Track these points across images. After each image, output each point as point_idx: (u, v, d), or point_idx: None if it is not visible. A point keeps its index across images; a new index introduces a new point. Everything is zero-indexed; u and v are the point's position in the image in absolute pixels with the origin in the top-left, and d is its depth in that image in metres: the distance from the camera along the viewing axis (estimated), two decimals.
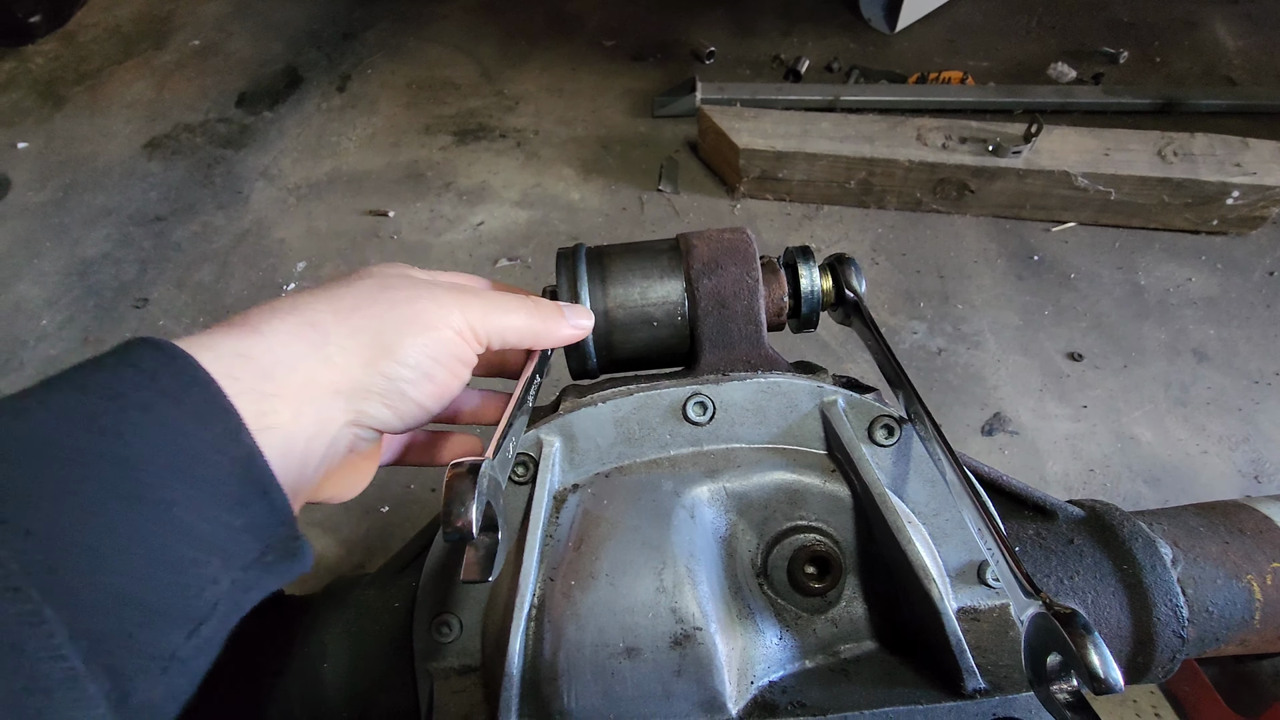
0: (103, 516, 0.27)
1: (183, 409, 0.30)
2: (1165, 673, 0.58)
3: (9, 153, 2.11)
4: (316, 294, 0.39)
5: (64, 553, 0.25)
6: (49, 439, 0.27)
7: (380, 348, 0.38)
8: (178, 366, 0.31)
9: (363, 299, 0.39)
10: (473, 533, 0.33)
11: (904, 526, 0.45)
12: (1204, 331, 1.55)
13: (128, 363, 0.30)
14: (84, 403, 0.28)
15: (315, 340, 0.36)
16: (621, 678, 0.43)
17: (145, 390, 0.30)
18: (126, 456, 0.28)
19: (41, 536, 0.25)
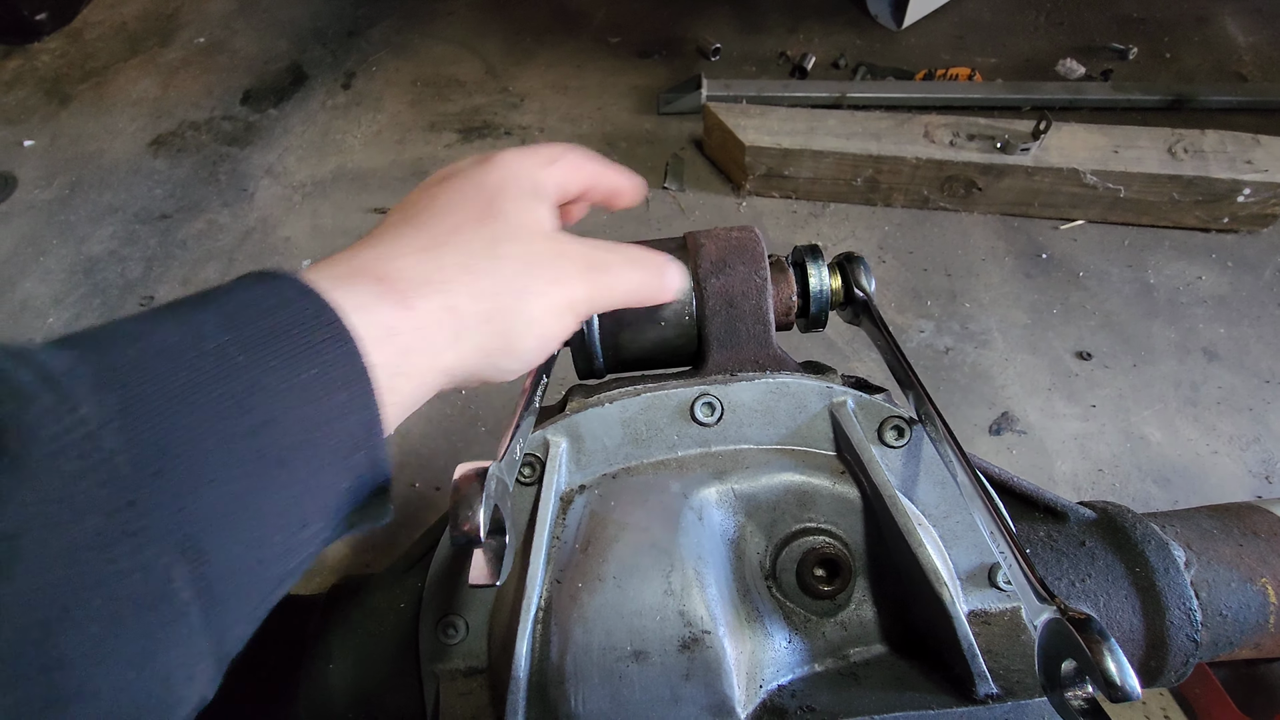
0: (240, 480, 0.27)
1: (325, 373, 0.30)
2: (1178, 677, 0.58)
3: (15, 150, 2.11)
4: (460, 262, 0.37)
5: (202, 510, 0.25)
6: (199, 383, 0.26)
7: (504, 343, 0.39)
8: (328, 327, 0.30)
9: (500, 284, 0.38)
10: (480, 537, 0.32)
11: (914, 529, 0.45)
12: (1214, 330, 1.54)
13: (272, 306, 0.30)
14: (233, 346, 0.28)
15: (454, 330, 0.36)
16: (629, 681, 0.42)
17: (289, 344, 0.29)
18: (270, 416, 0.28)
19: (182, 488, 0.25)
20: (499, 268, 0.38)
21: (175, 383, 0.26)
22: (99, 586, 0.22)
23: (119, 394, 0.24)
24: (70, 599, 0.22)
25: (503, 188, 0.41)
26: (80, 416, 0.23)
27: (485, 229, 0.39)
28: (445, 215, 0.39)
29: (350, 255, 0.36)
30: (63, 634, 0.21)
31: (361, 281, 0.34)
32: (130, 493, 0.23)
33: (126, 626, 0.23)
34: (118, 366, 0.25)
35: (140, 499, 0.23)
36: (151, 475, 0.24)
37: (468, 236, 0.38)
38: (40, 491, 0.22)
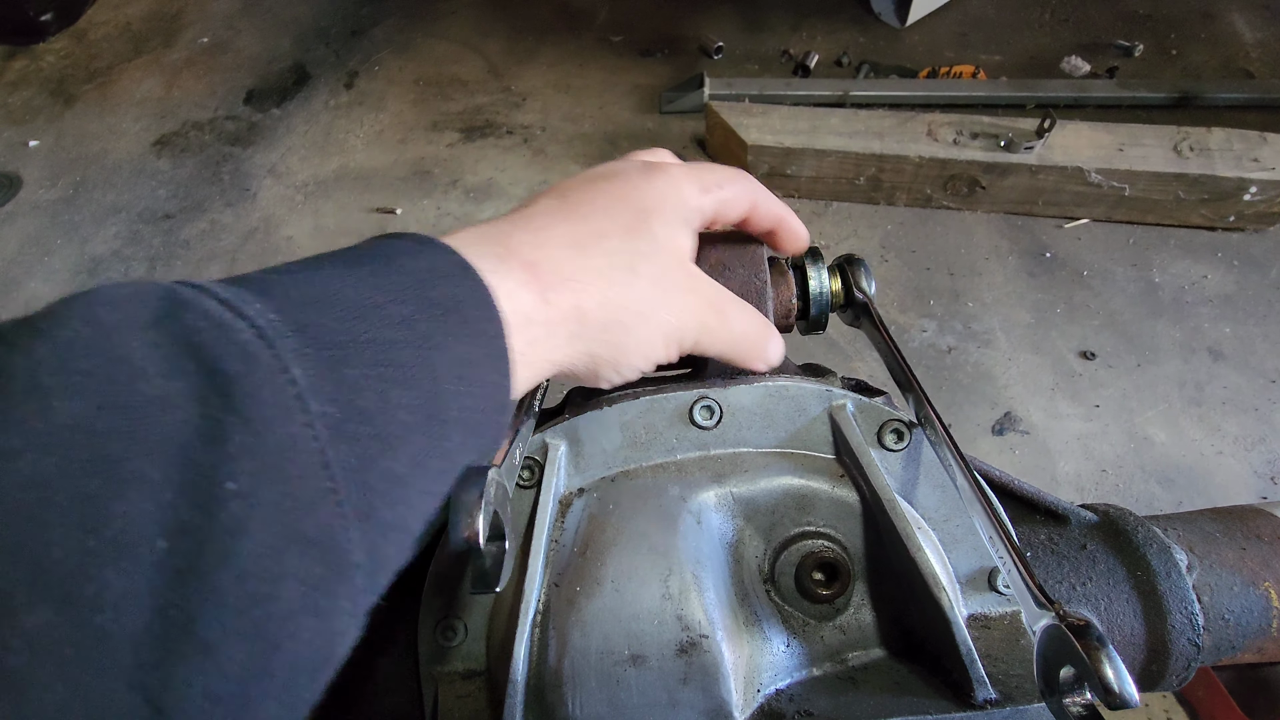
0: (413, 446, 0.28)
1: (481, 353, 0.31)
2: (1180, 681, 0.58)
3: (20, 151, 2.12)
4: (600, 266, 0.38)
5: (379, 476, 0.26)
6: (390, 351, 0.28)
7: (612, 358, 0.40)
8: (485, 307, 0.32)
9: (630, 300, 0.39)
10: (480, 542, 0.32)
11: (913, 533, 0.45)
12: (1220, 330, 1.53)
13: (438, 276, 0.31)
14: (412, 316, 0.29)
15: (576, 331, 0.37)
16: (627, 685, 0.42)
17: (458, 322, 0.30)
18: (437, 391, 0.29)
19: (368, 454, 0.26)
20: (633, 283, 0.39)
21: (366, 351, 0.27)
22: (304, 546, 0.23)
23: (319, 356, 0.25)
24: (286, 556, 0.23)
25: (659, 206, 0.42)
26: (291, 377, 0.24)
27: (631, 243, 0.40)
28: (597, 218, 0.40)
29: (503, 233, 0.37)
30: (280, 589, 0.23)
31: (512, 266, 0.35)
32: (328, 454, 0.24)
33: (320, 584, 0.24)
34: (316, 329, 0.26)
35: (334, 461, 0.24)
36: (346, 440, 0.25)
37: (613, 245, 0.39)
38: (267, 452, 0.23)
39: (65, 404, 0.20)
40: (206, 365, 0.23)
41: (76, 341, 0.22)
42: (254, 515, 0.22)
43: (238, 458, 0.22)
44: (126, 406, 0.21)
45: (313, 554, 0.24)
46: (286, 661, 0.23)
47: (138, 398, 0.21)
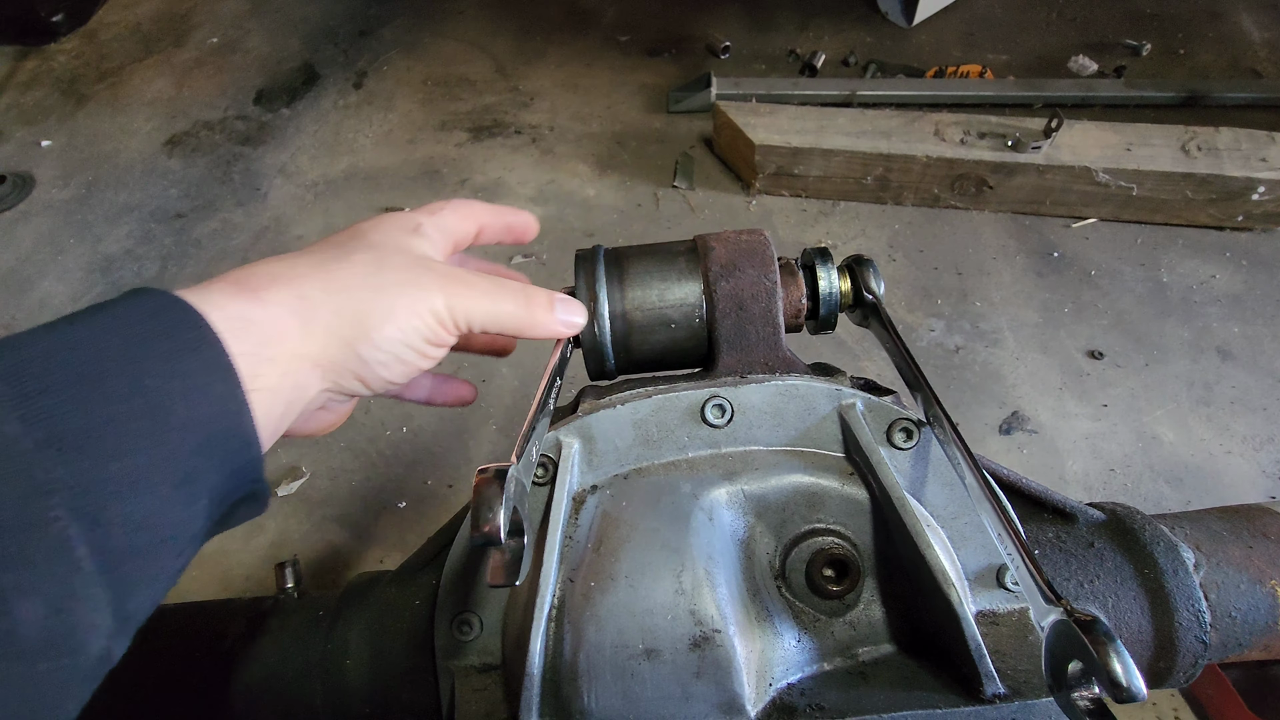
0: (137, 453, 0.31)
1: (198, 363, 0.35)
2: (1187, 678, 0.58)
3: (33, 151, 2.14)
4: (313, 262, 0.43)
5: (101, 480, 0.30)
6: (97, 376, 0.31)
7: (360, 331, 0.42)
8: (193, 323, 0.35)
9: (353, 279, 0.43)
10: (501, 538, 0.33)
11: (923, 530, 0.45)
12: (1228, 329, 1.53)
13: (148, 313, 0.35)
14: (121, 347, 0.33)
15: (305, 316, 0.40)
16: (641, 679, 0.43)
17: (166, 342, 0.34)
18: (157, 404, 0.32)
19: (85, 464, 0.30)
20: (351, 263, 0.43)
21: (72, 377, 0.31)
22: (11, 539, 0.27)
23: (19, 388, 0.29)
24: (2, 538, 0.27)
25: (375, 226, 0.47)
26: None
27: (343, 248, 0.45)
28: (311, 251, 0.45)
29: (218, 275, 0.41)
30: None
31: (218, 285, 0.39)
32: (33, 468, 0.28)
33: (37, 572, 0.28)
34: (20, 366, 0.30)
35: (37, 471, 0.28)
36: (52, 450, 0.29)
37: (324, 251, 0.44)
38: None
39: None
40: None
41: None
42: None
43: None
44: None
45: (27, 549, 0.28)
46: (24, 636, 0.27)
47: None
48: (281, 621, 0.62)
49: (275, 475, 1.39)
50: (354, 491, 1.37)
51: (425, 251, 0.47)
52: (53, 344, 0.32)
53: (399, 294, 0.43)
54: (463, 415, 1.47)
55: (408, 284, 0.44)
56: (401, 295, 0.43)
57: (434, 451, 1.42)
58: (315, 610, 0.62)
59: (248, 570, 1.28)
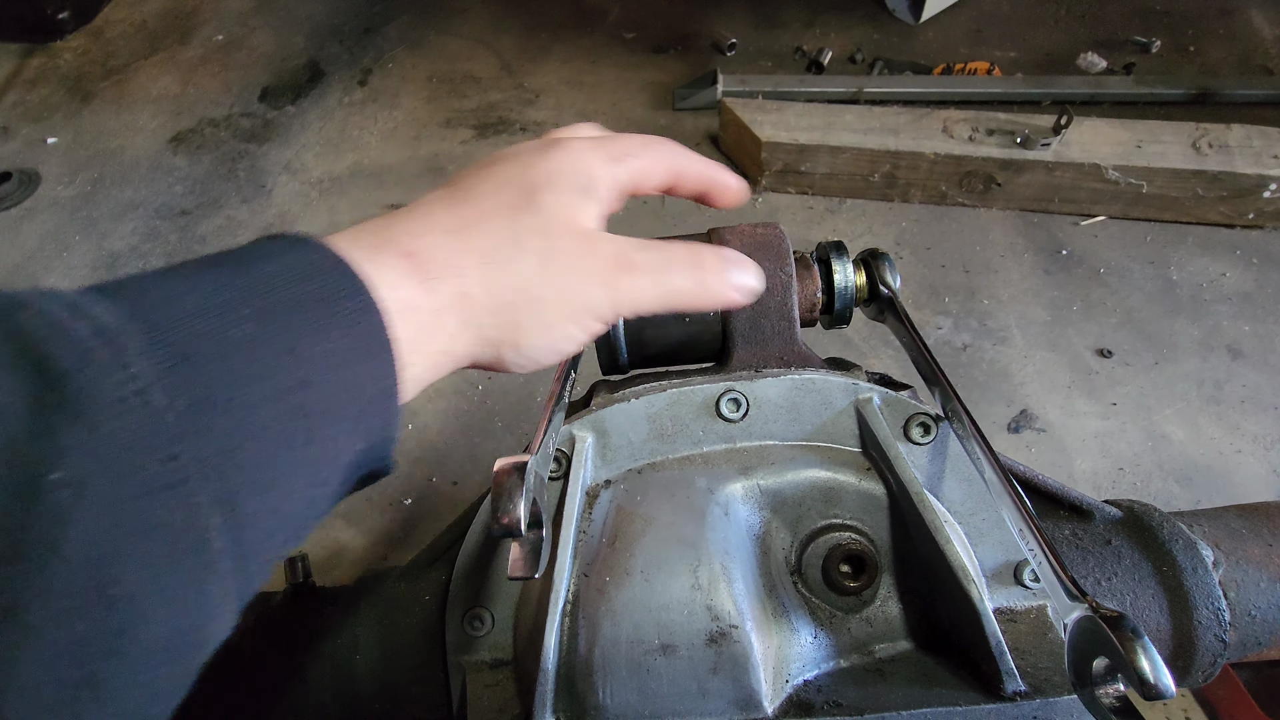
0: (284, 439, 0.28)
1: (359, 345, 0.31)
2: (1205, 677, 0.57)
3: (39, 148, 2.15)
4: (481, 247, 0.37)
5: (245, 468, 0.27)
6: (248, 345, 0.28)
7: (511, 339, 0.39)
8: (358, 298, 0.32)
9: (518, 281, 0.38)
10: (521, 529, 0.33)
11: (941, 525, 0.45)
12: (1238, 328, 1.52)
13: (304, 273, 0.31)
14: (272, 311, 0.29)
15: (464, 316, 0.37)
16: (657, 674, 0.42)
17: (323, 307, 0.30)
18: (304, 379, 0.29)
19: (230, 447, 0.26)
20: (517, 260, 0.38)
21: (218, 344, 0.27)
22: (147, 533, 0.24)
23: (166, 352, 0.26)
24: (124, 543, 0.23)
25: (549, 180, 0.40)
26: (132, 373, 0.24)
27: (515, 220, 0.38)
28: (481, 199, 0.39)
29: (383, 225, 0.36)
30: (118, 573, 0.23)
31: (389, 255, 0.34)
32: (175, 446, 0.25)
33: (170, 570, 0.25)
34: (164, 325, 0.26)
35: (183, 453, 0.25)
36: (195, 432, 0.25)
37: (496, 225, 0.38)
38: (100, 444, 0.23)
39: None
40: (38, 364, 0.23)
41: None
42: (81, 505, 0.23)
43: (67, 451, 0.23)
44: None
45: (157, 541, 0.24)
46: (138, 643, 0.24)
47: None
48: (291, 617, 0.62)
49: None
50: None
51: (590, 222, 0.41)
52: (200, 301, 0.28)
53: (561, 302, 0.39)
54: (468, 412, 1.47)
55: (571, 287, 0.39)
56: (563, 303, 0.39)
57: (439, 448, 1.42)
58: (324, 606, 0.62)
59: None
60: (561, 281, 0.39)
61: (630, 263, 0.40)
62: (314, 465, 0.30)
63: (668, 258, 0.41)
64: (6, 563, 0.21)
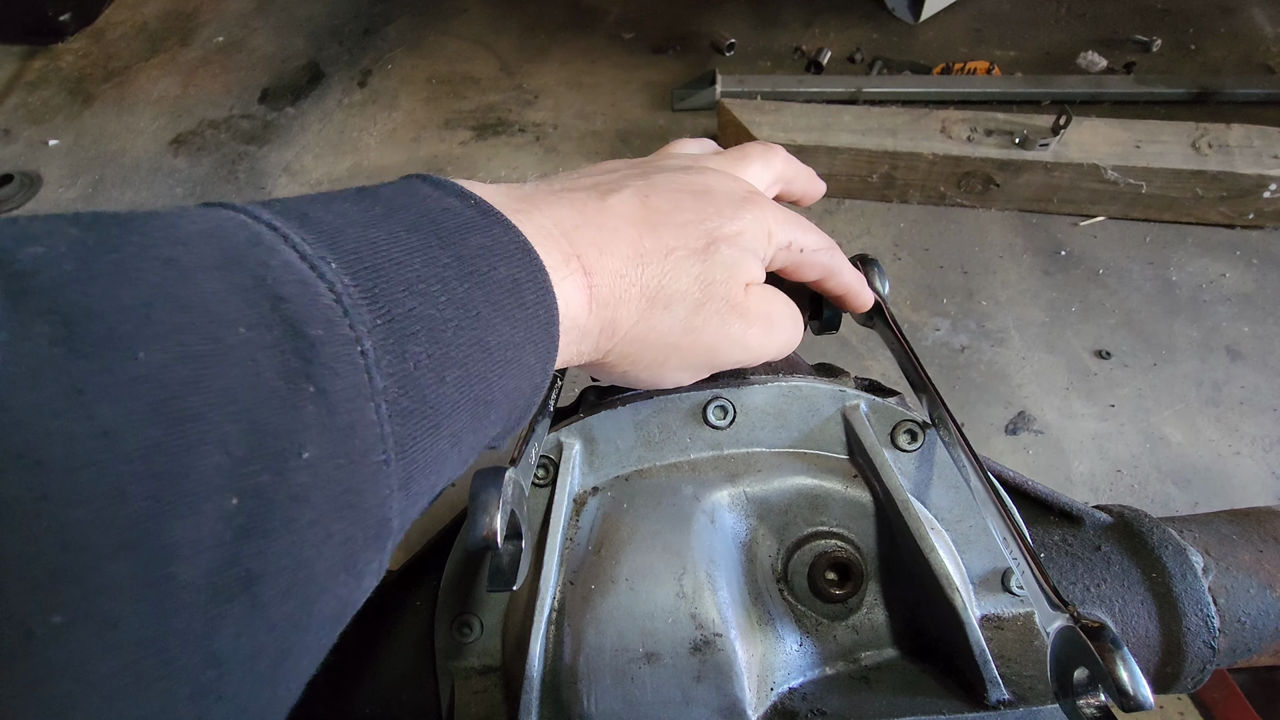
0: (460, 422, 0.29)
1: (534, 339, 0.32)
2: (1195, 683, 0.57)
3: (40, 150, 2.15)
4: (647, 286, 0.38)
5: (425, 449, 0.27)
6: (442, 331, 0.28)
7: (622, 371, 0.41)
8: (540, 285, 0.32)
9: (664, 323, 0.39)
10: (498, 542, 0.33)
11: (926, 533, 0.45)
12: (1238, 329, 1.52)
13: (501, 255, 0.31)
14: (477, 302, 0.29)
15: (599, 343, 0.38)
16: (641, 683, 0.43)
17: (511, 298, 0.31)
18: (487, 372, 0.30)
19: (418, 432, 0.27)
20: (673, 306, 0.39)
21: (427, 327, 0.27)
22: (349, 510, 0.24)
23: (390, 330, 0.25)
24: (336, 520, 0.24)
25: (734, 238, 0.41)
26: (364, 349, 0.24)
27: (689, 265, 0.40)
28: (669, 231, 0.39)
29: (574, 226, 0.36)
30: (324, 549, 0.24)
31: (574, 270, 0.35)
32: (384, 429, 0.25)
33: (357, 545, 0.25)
34: (386, 300, 0.26)
35: (388, 435, 0.25)
36: (400, 416, 0.26)
37: (670, 266, 0.39)
38: (336, 426, 0.23)
39: (145, 354, 0.20)
40: (291, 326, 0.22)
41: (160, 286, 0.21)
42: (316, 485, 0.23)
43: (310, 427, 0.22)
44: (204, 356, 0.21)
45: (359, 521, 0.25)
46: (321, 615, 0.25)
47: (218, 345, 0.21)
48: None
49: None
50: None
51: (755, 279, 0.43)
52: (413, 273, 0.27)
53: (689, 352, 0.41)
54: None
55: (704, 343, 0.41)
56: (691, 355, 0.41)
57: None
58: None
59: None
60: (702, 335, 0.41)
61: (772, 322, 0.44)
62: (470, 450, 0.31)
63: (793, 314, 0.47)
64: (251, 534, 0.21)
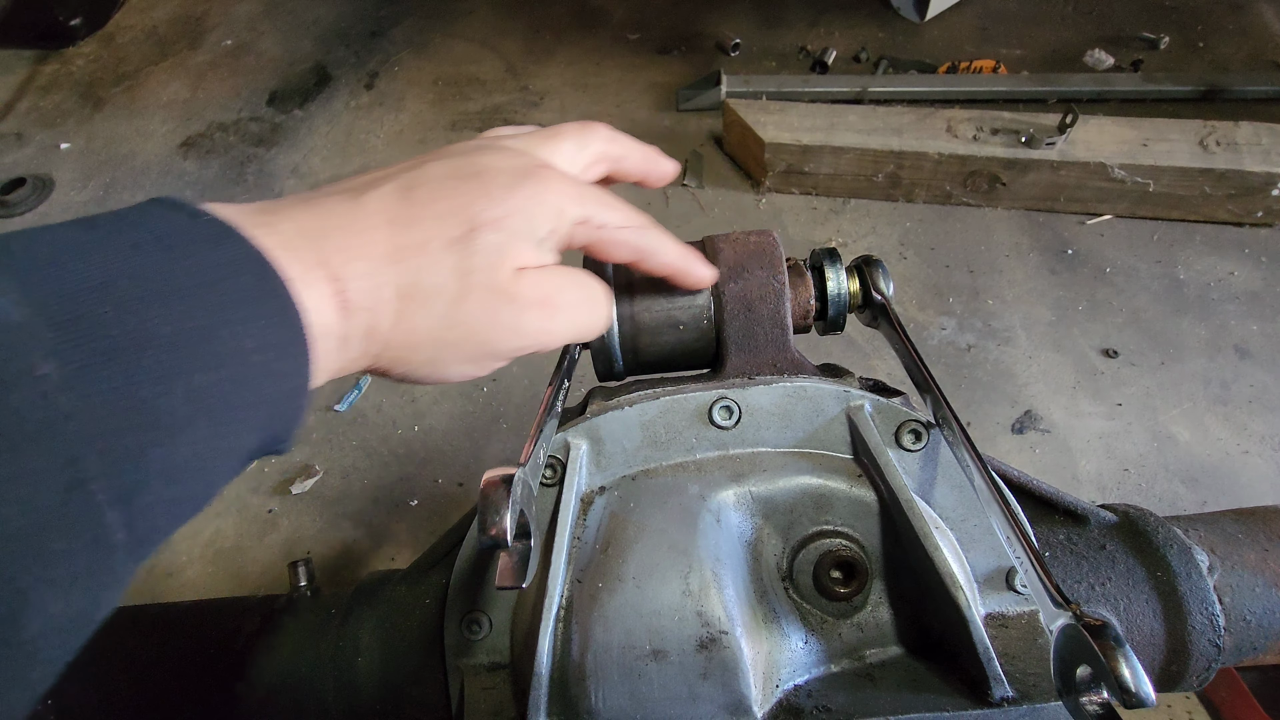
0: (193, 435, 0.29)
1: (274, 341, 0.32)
2: (1200, 682, 0.57)
3: (53, 153, 2.18)
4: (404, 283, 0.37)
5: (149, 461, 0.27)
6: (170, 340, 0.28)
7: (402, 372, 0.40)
8: (278, 296, 0.32)
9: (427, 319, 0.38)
10: (508, 540, 0.34)
11: (931, 532, 0.45)
12: (1246, 327, 1.51)
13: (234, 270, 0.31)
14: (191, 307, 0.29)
15: (366, 348, 0.38)
16: (648, 679, 0.43)
17: (245, 310, 0.31)
18: (220, 381, 0.29)
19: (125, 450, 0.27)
20: (432, 301, 0.38)
21: (144, 343, 0.27)
22: (49, 529, 0.25)
23: (77, 354, 0.25)
24: (32, 538, 0.24)
25: (500, 219, 0.39)
26: (41, 376, 0.25)
27: (446, 257, 0.38)
28: (424, 223, 0.38)
29: (321, 232, 0.36)
30: (26, 566, 0.24)
31: (319, 278, 0.35)
32: (76, 449, 0.25)
33: (71, 560, 0.26)
34: (86, 323, 0.26)
35: (83, 457, 0.25)
36: (108, 433, 0.26)
37: (426, 259, 0.38)
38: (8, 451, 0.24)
39: None
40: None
41: None
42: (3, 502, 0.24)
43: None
44: None
45: (57, 536, 0.25)
46: (35, 627, 0.25)
47: None
48: (294, 619, 0.63)
49: (289, 473, 1.40)
50: (366, 490, 1.38)
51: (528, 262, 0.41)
52: (126, 293, 0.27)
53: (461, 346, 0.40)
54: (473, 414, 1.48)
55: (476, 334, 0.39)
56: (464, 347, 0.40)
57: (445, 450, 1.43)
58: (327, 608, 0.63)
59: (263, 566, 1.30)
60: (468, 328, 0.39)
61: (553, 305, 0.42)
62: (217, 457, 0.31)
63: (585, 295, 0.44)
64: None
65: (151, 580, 1.29)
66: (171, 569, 1.30)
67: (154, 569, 1.30)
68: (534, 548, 0.37)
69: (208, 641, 0.62)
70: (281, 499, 1.38)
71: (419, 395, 1.50)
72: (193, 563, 1.31)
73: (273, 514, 1.36)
